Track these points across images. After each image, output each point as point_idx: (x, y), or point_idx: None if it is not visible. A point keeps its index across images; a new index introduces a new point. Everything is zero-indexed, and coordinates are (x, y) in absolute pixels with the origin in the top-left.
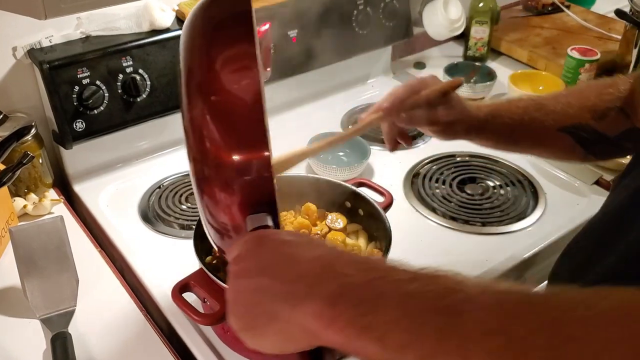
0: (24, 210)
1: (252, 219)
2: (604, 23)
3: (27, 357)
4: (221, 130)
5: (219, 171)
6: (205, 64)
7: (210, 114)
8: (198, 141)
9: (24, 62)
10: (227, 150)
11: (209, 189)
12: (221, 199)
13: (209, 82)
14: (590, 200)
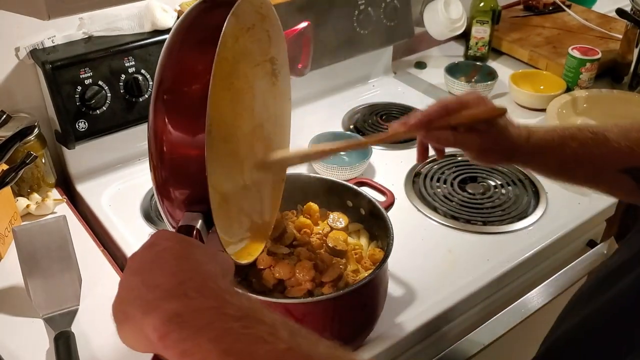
0: (27, 210)
1: (186, 215)
2: (605, 22)
3: (31, 356)
4: (167, 125)
5: (161, 161)
6: (165, 64)
7: (162, 110)
8: (152, 132)
9: (27, 62)
10: (169, 145)
11: (155, 177)
12: (165, 189)
13: (164, 80)
14: (591, 199)
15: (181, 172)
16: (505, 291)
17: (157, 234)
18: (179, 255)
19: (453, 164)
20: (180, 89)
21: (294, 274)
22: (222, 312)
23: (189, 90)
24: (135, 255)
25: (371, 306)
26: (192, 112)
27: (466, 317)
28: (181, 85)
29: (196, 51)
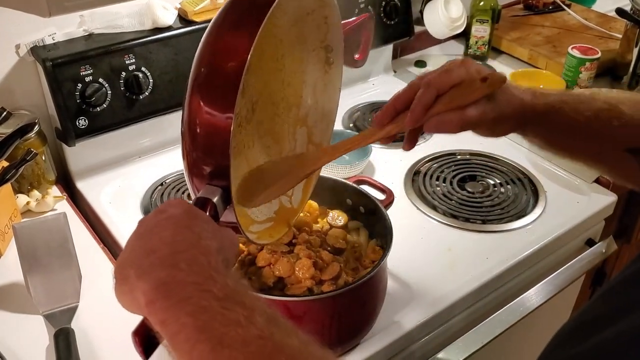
0: (27, 207)
1: (205, 188)
2: (604, 22)
3: (30, 353)
4: (201, 99)
5: (190, 129)
6: (206, 39)
7: (199, 81)
8: (187, 105)
9: (27, 59)
10: (200, 113)
11: (187, 148)
12: (194, 163)
13: (203, 53)
14: (591, 198)
15: (209, 144)
16: (504, 289)
17: (169, 201)
18: (181, 225)
19: (452, 163)
20: (220, 62)
21: (294, 272)
22: (204, 288)
23: (227, 64)
24: (143, 220)
25: (370, 304)
26: (227, 85)
27: (465, 315)
28: (221, 60)
29: (237, 30)
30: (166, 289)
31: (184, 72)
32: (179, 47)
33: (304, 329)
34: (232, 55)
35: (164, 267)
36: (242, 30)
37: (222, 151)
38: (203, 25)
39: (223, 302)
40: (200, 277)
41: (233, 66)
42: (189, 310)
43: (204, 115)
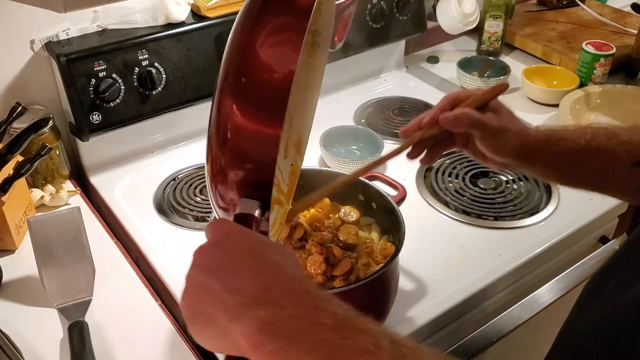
0: (41, 202)
1: (243, 202)
2: (619, 17)
3: (45, 345)
4: (237, 107)
5: (228, 137)
6: (242, 41)
7: (233, 91)
8: (215, 111)
9: (42, 54)
10: (242, 118)
11: (213, 157)
12: (223, 165)
13: (242, 56)
14: (604, 195)
15: (247, 155)
16: (516, 286)
17: (220, 227)
18: (252, 255)
19: (465, 159)
20: (265, 73)
21: (305, 268)
22: (316, 321)
23: (273, 75)
24: (203, 251)
25: (382, 300)
26: (274, 99)
27: (476, 312)
28: (266, 70)
29: (278, 35)
30: (273, 329)
31: (197, 68)
32: (191, 42)
33: None
34: (277, 66)
35: (260, 305)
36: (284, 36)
37: (268, 164)
38: (216, 20)
39: (341, 332)
40: (305, 310)
41: (279, 78)
42: (306, 348)
43: (248, 131)
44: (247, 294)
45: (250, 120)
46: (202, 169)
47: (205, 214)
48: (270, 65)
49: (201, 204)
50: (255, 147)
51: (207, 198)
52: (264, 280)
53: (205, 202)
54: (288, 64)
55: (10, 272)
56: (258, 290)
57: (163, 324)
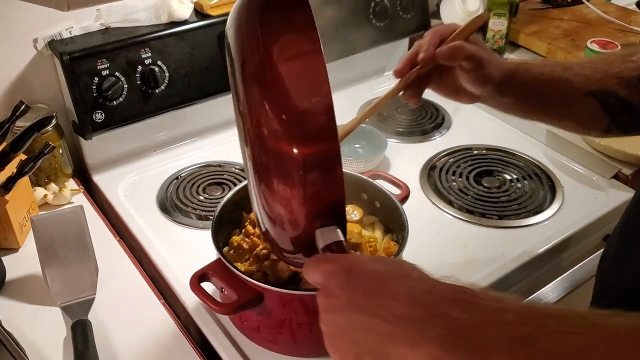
0: (44, 200)
1: (323, 233)
2: (624, 15)
3: (48, 344)
4: (281, 115)
5: (280, 162)
6: (263, 48)
7: (269, 100)
8: (257, 127)
9: (45, 53)
10: (290, 140)
11: (267, 179)
12: (280, 193)
13: (266, 67)
14: (609, 194)
15: (323, 192)
16: (520, 286)
17: (333, 264)
18: (388, 279)
19: (469, 158)
20: (307, 102)
21: None
22: (499, 322)
23: (312, 99)
24: (332, 293)
25: None
26: (323, 126)
27: None
28: (308, 98)
29: (298, 54)
30: (460, 342)
31: (200, 66)
32: (194, 41)
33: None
34: (312, 90)
35: (433, 324)
36: (304, 50)
37: (338, 189)
38: (219, 19)
39: (529, 325)
40: (483, 315)
41: (318, 100)
42: (501, 350)
43: (313, 171)
44: (414, 318)
45: (312, 148)
46: (205, 167)
47: (208, 212)
48: (305, 91)
49: (204, 203)
50: (316, 168)
51: (210, 197)
52: (423, 300)
53: (208, 200)
54: (320, 82)
55: (13, 270)
56: (421, 310)
57: (166, 322)
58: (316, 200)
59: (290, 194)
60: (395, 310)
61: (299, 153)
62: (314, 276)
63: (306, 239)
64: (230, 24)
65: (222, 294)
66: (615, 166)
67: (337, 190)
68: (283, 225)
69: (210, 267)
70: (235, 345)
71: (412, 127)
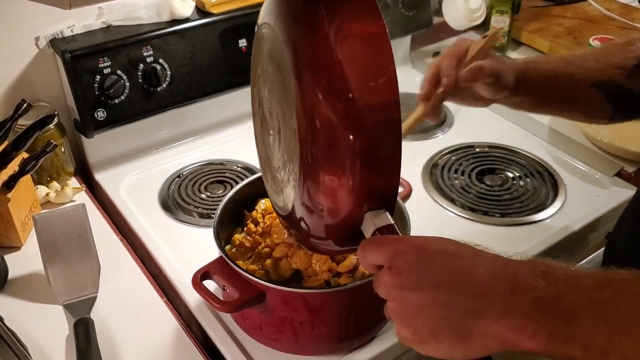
0: (46, 198)
1: (374, 216)
2: (627, 12)
3: (51, 342)
4: (348, 95)
5: (338, 149)
6: (329, 28)
7: (335, 81)
8: (314, 110)
9: (47, 51)
10: (354, 122)
11: (315, 167)
12: (329, 178)
13: (332, 49)
14: (611, 192)
15: (377, 167)
16: None
17: (409, 247)
18: (463, 256)
19: (471, 155)
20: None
21: (311, 264)
22: (580, 288)
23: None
24: (406, 271)
25: None
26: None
27: None
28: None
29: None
30: (544, 312)
31: (202, 64)
32: (196, 39)
33: (320, 321)
34: (376, 71)
35: (518, 295)
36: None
37: (397, 172)
38: (221, 17)
39: (609, 289)
40: (563, 283)
41: (386, 81)
42: (587, 313)
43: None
44: (497, 292)
45: (377, 129)
46: (207, 165)
47: (210, 210)
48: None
49: (206, 201)
50: (376, 150)
51: (212, 195)
52: (504, 274)
53: (211, 198)
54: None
55: (16, 269)
56: (507, 284)
57: (168, 320)
58: (372, 183)
59: (345, 180)
60: (476, 286)
61: (364, 134)
62: (374, 256)
63: (348, 225)
64: (274, 13)
65: (224, 292)
66: (618, 164)
67: (395, 174)
68: (323, 212)
69: (212, 265)
70: (237, 343)
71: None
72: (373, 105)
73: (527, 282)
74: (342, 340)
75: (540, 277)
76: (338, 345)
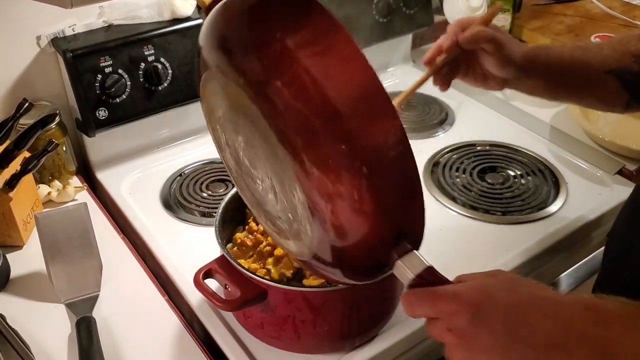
0: (48, 197)
1: (408, 262)
2: (628, 10)
3: (53, 340)
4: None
5: (355, 212)
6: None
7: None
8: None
9: (48, 51)
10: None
11: (340, 236)
12: (353, 237)
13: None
14: (613, 190)
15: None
16: None
17: (469, 306)
18: (514, 307)
19: (472, 154)
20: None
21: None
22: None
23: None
24: (469, 333)
25: (389, 295)
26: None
27: None
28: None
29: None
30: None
31: None
32: (197, 38)
33: (322, 320)
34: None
35: (578, 343)
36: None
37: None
38: None
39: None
40: (617, 327)
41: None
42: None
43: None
44: (559, 344)
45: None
46: (208, 164)
47: (211, 209)
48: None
49: (208, 200)
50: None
51: (213, 194)
52: (556, 323)
53: (212, 197)
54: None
55: (18, 267)
56: (561, 334)
57: (170, 318)
58: (400, 228)
59: (370, 237)
60: (538, 340)
61: (382, 185)
62: (424, 311)
63: (374, 269)
64: (219, 47)
65: (226, 290)
66: (620, 162)
67: (421, 211)
68: (346, 262)
69: (214, 264)
70: (239, 342)
71: (415, 123)
72: (386, 154)
73: (584, 329)
74: (343, 339)
75: (596, 321)
76: (340, 343)
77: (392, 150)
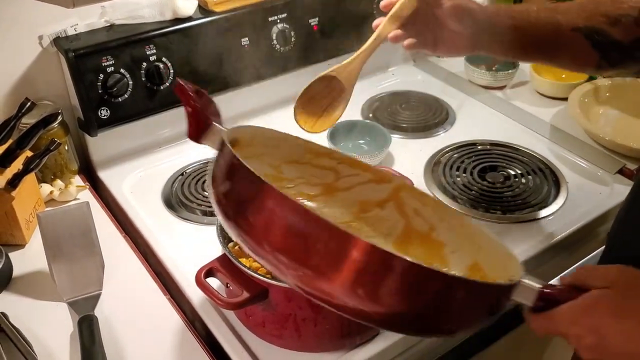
0: (50, 197)
1: (523, 290)
2: None
3: (55, 339)
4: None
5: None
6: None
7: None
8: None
9: (50, 50)
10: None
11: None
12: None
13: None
14: (613, 189)
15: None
16: None
17: (574, 335)
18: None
19: (473, 153)
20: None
21: None
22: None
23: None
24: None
25: None
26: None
27: None
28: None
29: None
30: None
31: (204, 63)
32: (199, 37)
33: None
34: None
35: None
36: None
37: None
38: (223, 15)
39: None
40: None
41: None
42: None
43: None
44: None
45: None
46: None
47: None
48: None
49: (209, 199)
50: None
51: None
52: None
53: None
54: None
55: (20, 266)
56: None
57: (171, 317)
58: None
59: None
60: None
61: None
62: (546, 330)
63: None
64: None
65: (228, 289)
66: (620, 161)
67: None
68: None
69: (215, 263)
70: (241, 340)
71: (416, 122)
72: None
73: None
74: (344, 337)
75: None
76: (341, 342)
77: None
